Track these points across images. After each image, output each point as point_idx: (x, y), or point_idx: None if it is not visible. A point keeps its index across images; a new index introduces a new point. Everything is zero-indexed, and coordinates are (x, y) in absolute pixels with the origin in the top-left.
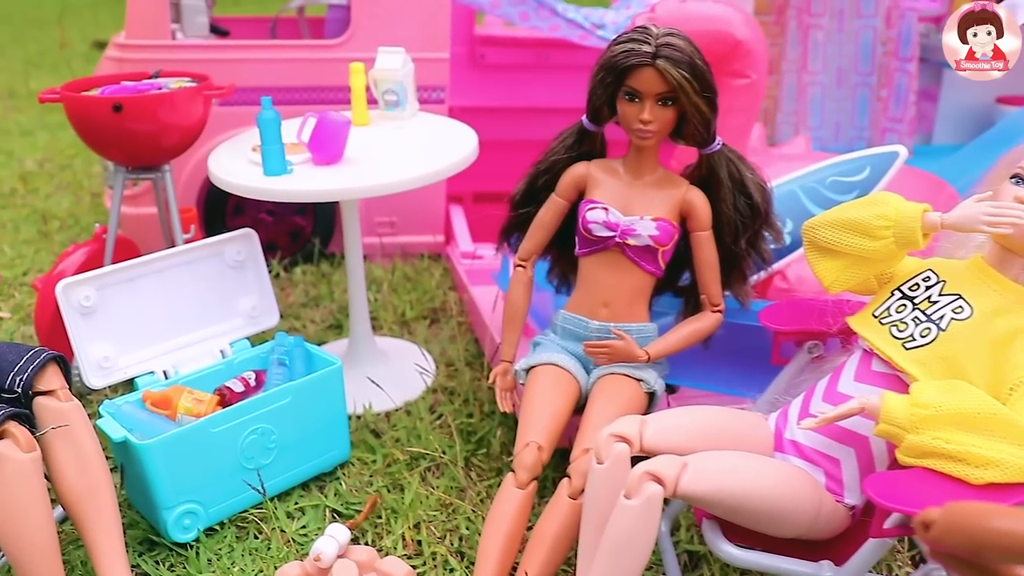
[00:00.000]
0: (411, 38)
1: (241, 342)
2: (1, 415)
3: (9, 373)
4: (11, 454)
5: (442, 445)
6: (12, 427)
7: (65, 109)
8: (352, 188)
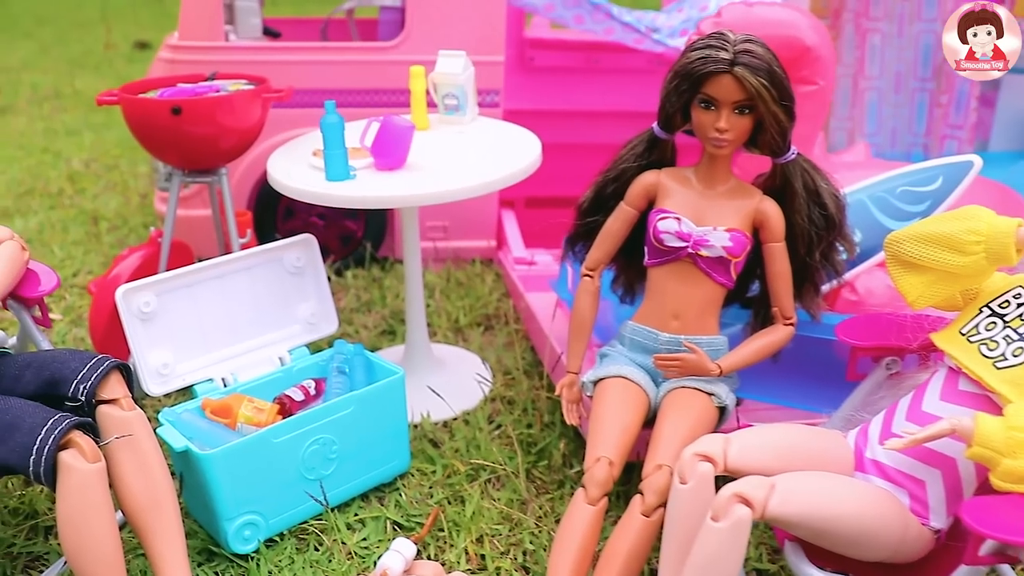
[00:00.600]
0: (466, 40)
1: (300, 349)
2: (66, 424)
3: (72, 381)
4: (76, 464)
5: (502, 456)
6: (77, 437)
7: (123, 111)
8: (417, 195)
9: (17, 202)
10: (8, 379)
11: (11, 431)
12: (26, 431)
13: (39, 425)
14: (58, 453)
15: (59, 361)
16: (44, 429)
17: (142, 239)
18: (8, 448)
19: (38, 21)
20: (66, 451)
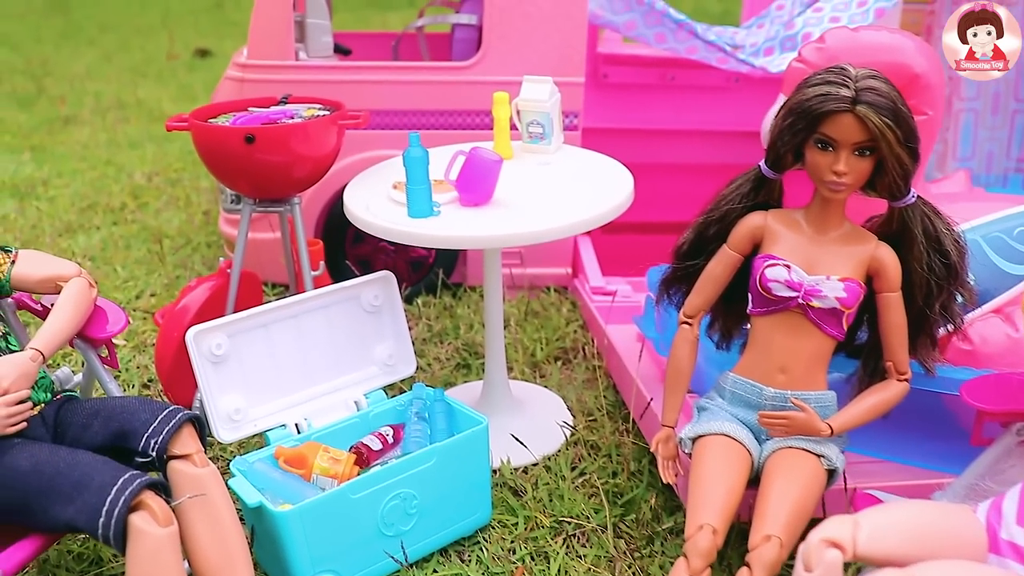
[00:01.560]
0: (545, 61)
1: (376, 393)
2: (137, 484)
3: (142, 435)
4: (148, 529)
5: (587, 508)
6: (149, 498)
7: (192, 138)
8: (505, 235)
9: (80, 217)
10: (76, 427)
11: (79, 490)
12: (95, 490)
13: (109, 484)
14: (128, 515)
15: (128, 412)
16: (114, 489)
17: (206, 259)
18: (76, 508)
19: (101, 28)
20: (137, 513)
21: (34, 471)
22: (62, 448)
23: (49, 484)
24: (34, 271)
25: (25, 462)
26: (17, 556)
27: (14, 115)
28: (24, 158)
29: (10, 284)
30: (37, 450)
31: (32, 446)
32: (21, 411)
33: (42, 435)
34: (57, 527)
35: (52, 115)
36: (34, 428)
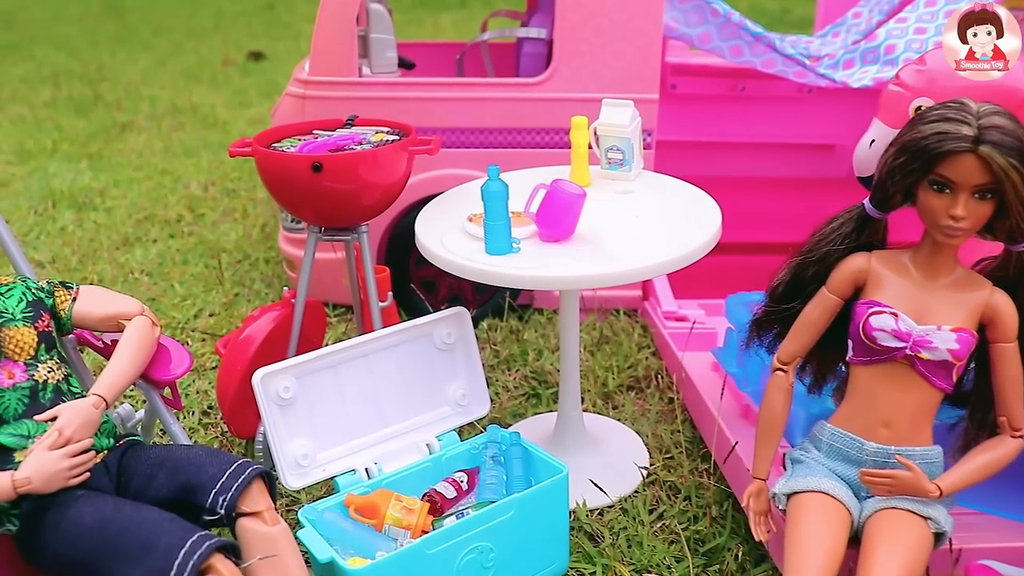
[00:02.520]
0: (618, 77)
1: (449, 435)
2: (206, 548)
3: (210, 491)
4: None
5: (668, 556)
6: (218, 561)
7: (257, 164)
8: (592, 276)
9: (137, 229)
10: (140, 477)
11: (145, 551)
12: (162, 552)
13: (176, 547)
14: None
15: (195, 465)
16: (182, 552)
17: (264, 276)
18: (142, 570)
19: (155, 31)
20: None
21: (99, 528)
22: (127, 503)
23: (115, 543)
24: (95, 308)
25: (89, 518)
26: None
27: (72, 122)
28: (82, 167)
29: (71, 322)
30: (102, 504)
31: (96, 500)
32: (84, 461)
33: (105, 484)
34: None
35: (109, 121)
36: (97, 478)
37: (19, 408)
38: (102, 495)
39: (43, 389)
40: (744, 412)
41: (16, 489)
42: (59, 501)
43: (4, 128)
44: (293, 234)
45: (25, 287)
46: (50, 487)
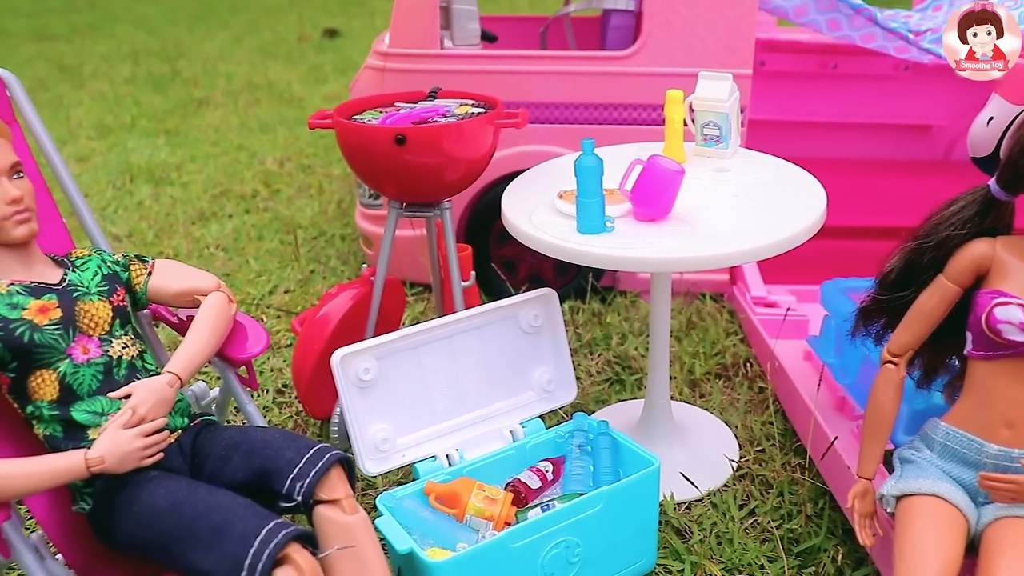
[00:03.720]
0: (710, 52)
1: (533, 422)
2: (282, 536)
3: (287, 476)
4: None
5: (760, 555)
6: (294, 551)
7: (337, 137)
8: (692, 258)
9: (212, 204)
10: (214, 459)
11: (219, 537)
12: (236, 539)
13: (252, 534)
14: (272, 570)
15: (272, 449)
16: (257, 540)
17: (340, 252)
18: (216, 557)
19: (232, 9)
20: (282, 568)
21: (172, 511)
22: (201, 486)
23: (188, 527)
24: (171, 283)
25: (162, 500)
26: None
27: (150, 98)
28: (159, 142)
29: (147, 296)
30: (175, 487)
31: (169, 481)
32: (158, 441)
33: (179, 465)
34: (195, 573)
35: (186, 98)
36: (171, 458)
37: (93, 384)
38: (176, 477)
39: (117, 365)
40: (839, 405)
41: (89, 468)
42: (132, 481)
43: (85, 104)
44: (371, 210)
45: (100, 260)
46: (123, 467)
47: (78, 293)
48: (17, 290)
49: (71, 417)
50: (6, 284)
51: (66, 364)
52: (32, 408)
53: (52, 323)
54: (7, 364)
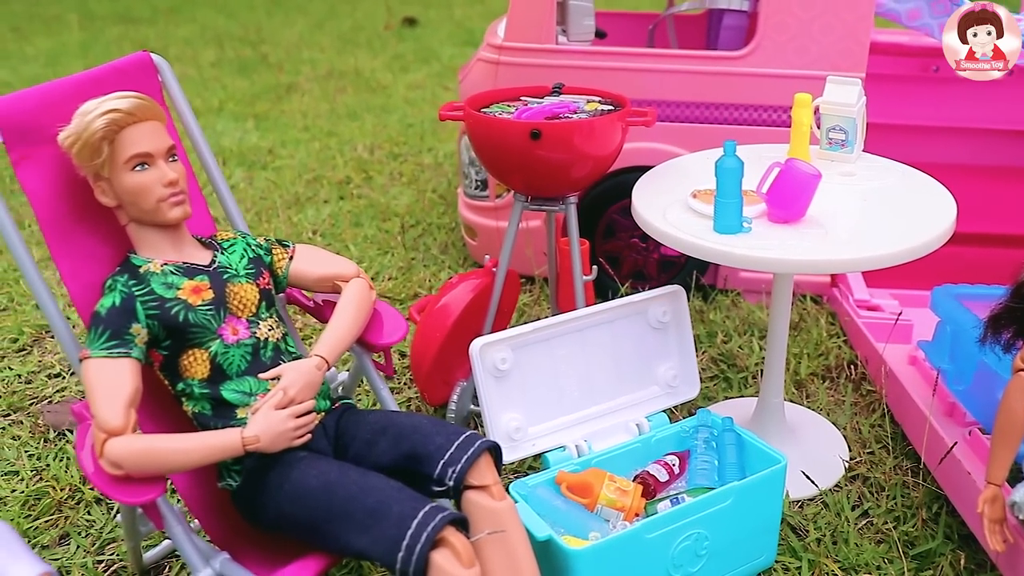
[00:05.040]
0: (824, 54)
1: (658, 416)
2: (440, 520)
3: (438, 461)
4: (451, 569)
5: (876, 556)
6: (451, 535)
7: (467, 128)
8: (832, 261)
9: (307, 189)
10: (359, 443)
11: (375, 518)
12: (393, 521)
13: (408, 516)
14: (430, 552)
15: (421, 433)
16: (415, 523)
17: (439, 242)
18: (371, 538)
19: None
20: (438, 551)
21: (325, 491)
22: (352, 468)
23: (342, 508)
24: (313, 268)
25: (315, 480)
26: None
27: (235, 81)
28: (248, 126)
29: (287, 280)
30: (327, 468)
31: (320, 462)
32: (307, 422)
33: (323, 447)
34: (347, 553)
35: (272, 83)
36: (317, 440)
37: (242, 365)
38: (326, 458)
39: (264, 347)
40: (950, 410)
41: (245, 446)
42: (283, 460)
43: None
44: (475, 202)
45: (246, 243)
46: (276, 447)
47: (228, 275)
48: (171, 270)
49: (221, 396)
50: (160, 264)
51: (217, 344)
52: (183, 385)
53: (205, 303)
54: (161, 342)
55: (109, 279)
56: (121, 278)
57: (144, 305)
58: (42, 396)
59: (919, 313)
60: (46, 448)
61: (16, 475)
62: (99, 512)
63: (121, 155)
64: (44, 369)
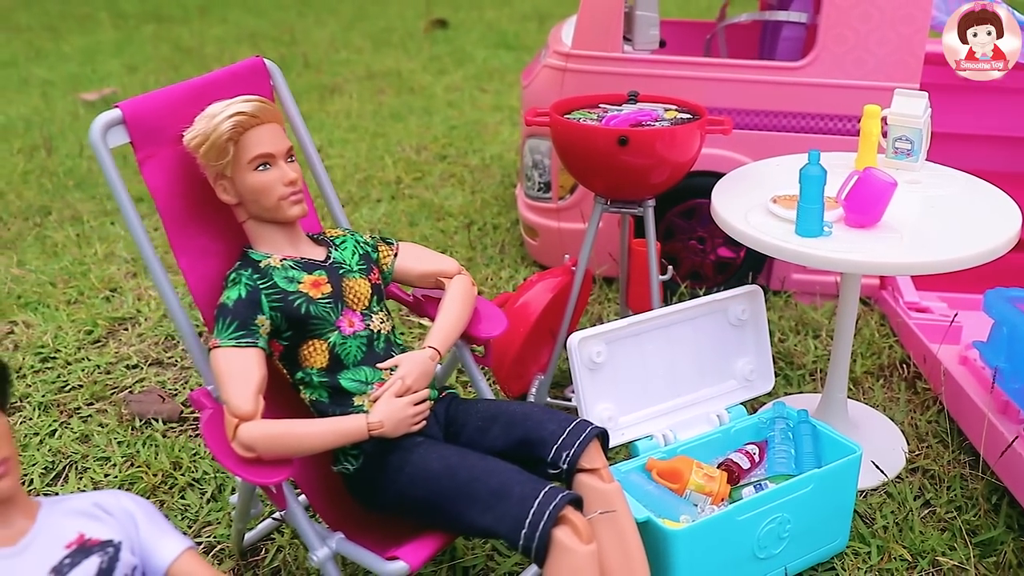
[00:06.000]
0: (881, 65)
1: (737, 407)
2: (561, 499)
3: (551, 445)
4: (572, 545)
5: (939, 543)
6: (571, 513)
7: (553, 133)
8: (911, 263)
9: (359, 189)
10: (471, 429)
11: (499, 498)
12: (516, 501)
13: (530, 496)
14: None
15: (533, 420)
16: (537, 502)
17: (495, 241)
18: (495, 516)
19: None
20: (560, 528)
21: (447, 473)
22: (471, 452)
23: (465, 489)
24: (417, 265)
25: (436, 463)
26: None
27: None
28: None
29: (392, 276)
30: (446, 451)
31: (438, 446)
32: (424, 409)
33: (436, 433)
34: (470, 531)
35: (314, 83)
36: (429, 426)
37: (358, 355)
38: (442, 443)
39: (377, 338)
40: (1003, 408)
41: (370, 431)
42: (401, 445)
43: None
44: (537, 203)
45: (355, 240)
46: (397, 432)
47: (343, 270)
48: (290, 264)
49: (339, 384)
50: (279, 259)
51: (335, 335)
52: (301, 374)
53: (324, 297)
54: (282, 333)
55: (233, 272)
56: (245, 272)
57: (268, 298)
58: (122, 386)
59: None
60: (133, 435)
61: (108, 461)
62: (194, 496)
63: (245, 155)
64: (121, 360)
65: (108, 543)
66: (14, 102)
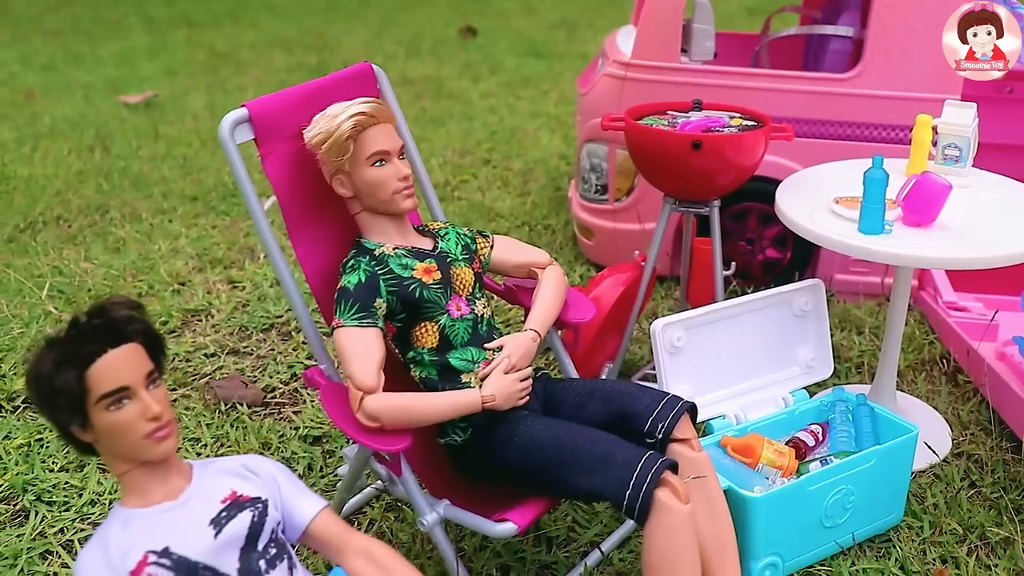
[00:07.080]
0: (924, 77)
1: (800, 391)
2: (661, 463)
3: (647, 418)
4: (672, 505)
5: (987, 519)
6: (670, 477)
7: (628, 137)
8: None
9: None
10: (568, 405)
11: (602, 464)
12: (620, 465)
13: (633, 461)
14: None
15: (629, 395)
16: (639, 466)
17: (548, 242)
18: (602, 479)
19: (362, 2)
20: (661, 489)
21: (554, 443)
22: (571, 424)
23: (571, 456)
24: (512, 256)
25: (542, 434)
26: (530, 513)
27: None
28: None
29: (488, 266)
30: (550, 423)
31: (542, 419)
32: (528, 386)
33: (536, 408)
34: (575, 495)
35: None
36: (530, 402)
37: (465, 336)
38: (545, 416)
39: (480, 322)
40: None
41: (484, 404)
42: (508, 418)
43: (250, 90)
44: (594, 204)
45: (456, 232)
46: (506, 405)
47: (450, 259)
48: (403, 253)
49: (448, 362)
50: (392, 247)
51: (445, 318)
52: (413, 353)
53: (435, 283)
54: (396, 315)
55: (351, 259)
56: (363, 259)
57: (385, 282)
58: (203, 373)
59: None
60: (220, 418)
61: (198, 441)
62: None
63: (364, 152)
64: (199, 349)
65: (257, 499)
66: (59, 104)
